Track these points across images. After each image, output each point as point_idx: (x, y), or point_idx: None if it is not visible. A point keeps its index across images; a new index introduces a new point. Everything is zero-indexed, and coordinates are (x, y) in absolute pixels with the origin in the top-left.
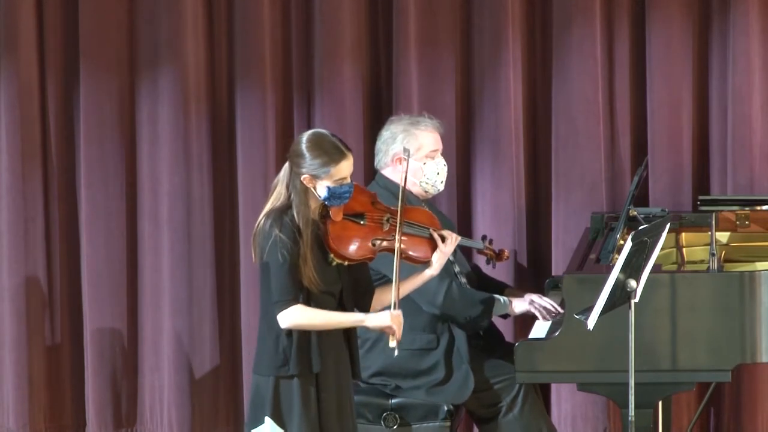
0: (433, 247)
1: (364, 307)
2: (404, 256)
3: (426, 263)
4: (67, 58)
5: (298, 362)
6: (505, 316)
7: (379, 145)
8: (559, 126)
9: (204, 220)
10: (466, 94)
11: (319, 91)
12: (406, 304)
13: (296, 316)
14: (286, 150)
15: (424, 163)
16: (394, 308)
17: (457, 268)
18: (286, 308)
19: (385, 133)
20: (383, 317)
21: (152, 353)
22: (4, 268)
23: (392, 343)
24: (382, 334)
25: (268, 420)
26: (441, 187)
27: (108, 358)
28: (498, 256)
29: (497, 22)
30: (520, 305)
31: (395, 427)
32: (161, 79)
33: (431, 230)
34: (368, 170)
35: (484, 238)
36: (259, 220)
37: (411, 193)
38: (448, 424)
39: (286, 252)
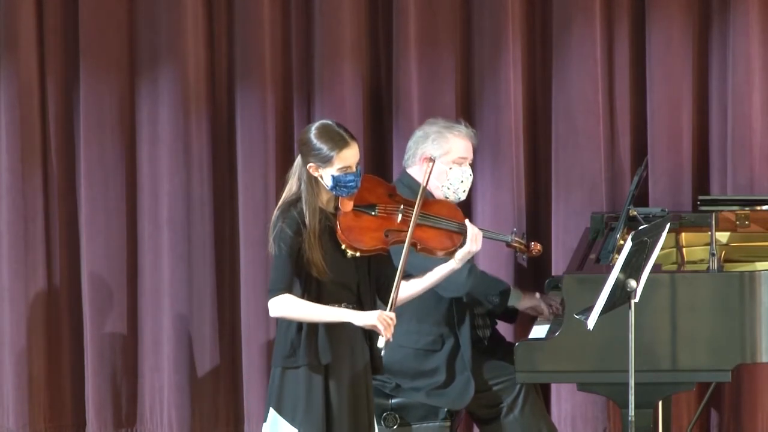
0: (455, 239)
1: (386, 301)
2: (421, 248)
3: (446, 255)
4: (67, 58)
5: (307, 353)
6: (511, 318)
7: (410, 143)
8: (559, 126)
9: (204, 220)
10: (466, 95)
11: (319, 91)
12: (417, 302)
13: (283, 306)
14: (286, 150)
15: (450, 168)
16: (390, 309)
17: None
18: (275, 296)
19: (418, 132)
20: (370, 316)
21: (152, 353)
22: (4, 268)
23: (380, 343)
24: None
25: (272, 411)
26: (462, 196)
27: (108, 358)
28: (528, 249)
29: (497, 22)
30: (529, 300)
31: (395, 427)
32: (161, 79)
33: (453, 223)
34: (368, 169)
35: (514, 232)
36: (274, 211)
37: (432, 195)
38: (448, 424)
39: (284, 244)
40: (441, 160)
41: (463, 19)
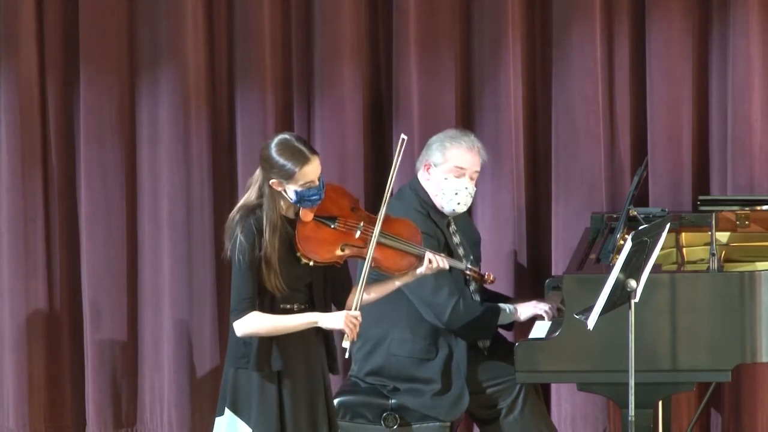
0: (410, 261)
1: (341, 303)
2: (375, 266)
3: (397, 275)
4: (67, 58)
5: (258, 359)
6: (510, 327)
7: (423, 148)
8: (559, 126)
9: (204, 220)
10: (466, 94)
11: (319, 92)
12: (411, 312)
13: (250, 325)
14: None
15: (446, 178)
16: (355, 309)
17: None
18: (241, 317)
19: (432, 137)
20: (337, 318)
21: (152, 353)
22: (4, 268)
23: (345, 344)
24: (385, 335)
25: (227, 411)
26: (457, 208)
27: (108, 358)
28: (482, 278)
29: (497, 22)
30: (525, 310)
31: (395, 427)
32: (161, 79)
33: (410, 245)
34: (368, 170)
35: (471, 261)
36: (231, 213)
37: (434, 204)
38: (448, 424)
39: (242, 257)
40: (440, 168)
41: (463, 19)
